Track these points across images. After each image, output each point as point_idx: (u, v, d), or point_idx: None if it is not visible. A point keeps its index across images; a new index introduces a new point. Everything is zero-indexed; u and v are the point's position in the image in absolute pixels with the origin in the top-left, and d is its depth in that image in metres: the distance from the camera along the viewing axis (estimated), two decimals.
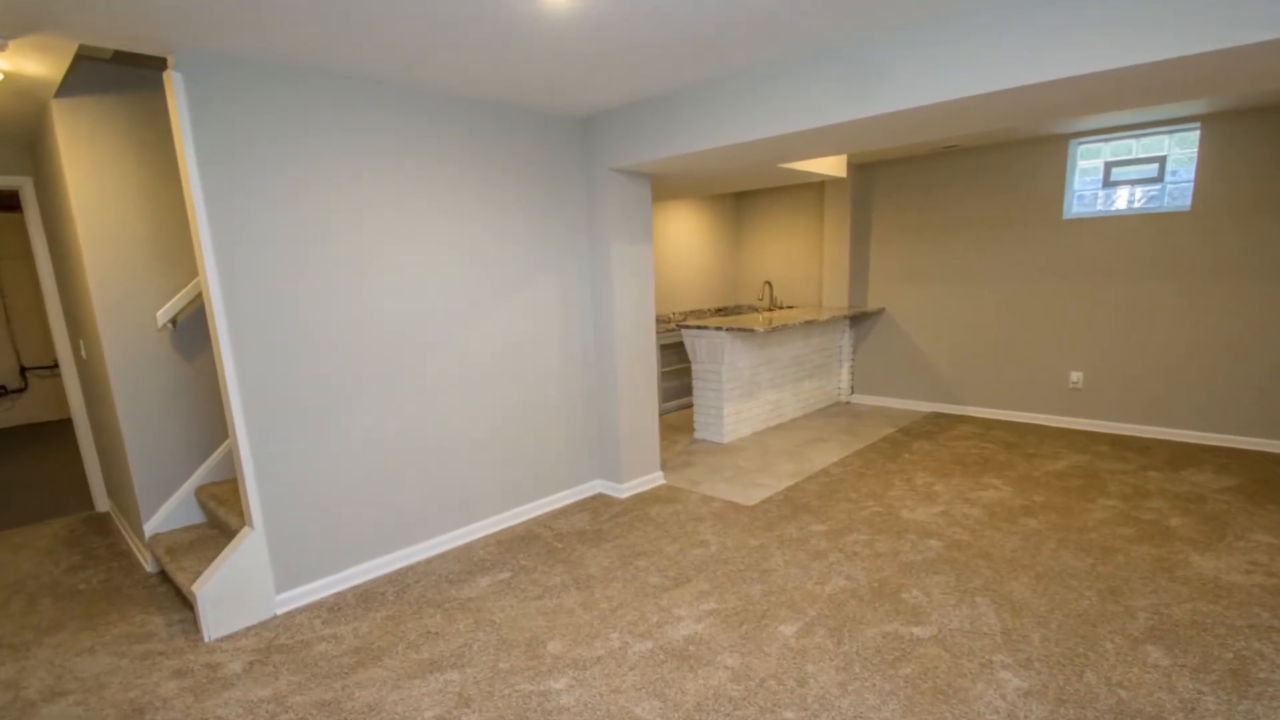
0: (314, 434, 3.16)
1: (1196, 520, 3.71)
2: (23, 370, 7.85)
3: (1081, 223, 5.52)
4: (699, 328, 5.60)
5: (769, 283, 6.77)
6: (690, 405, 7.19)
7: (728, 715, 2.30)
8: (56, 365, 7.74)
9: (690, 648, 2.69)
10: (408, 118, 3.35)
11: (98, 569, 3.69)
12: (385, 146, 3.28)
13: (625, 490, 4.47)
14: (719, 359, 5.55)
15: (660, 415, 6.81)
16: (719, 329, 5.44)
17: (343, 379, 3.23)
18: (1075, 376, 5.70)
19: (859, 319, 7.03)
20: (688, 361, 7.10)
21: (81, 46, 2.64)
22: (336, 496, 3.27)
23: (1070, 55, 2.32)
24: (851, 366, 7.12)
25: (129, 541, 3.99)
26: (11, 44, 2.54)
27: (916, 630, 2.75)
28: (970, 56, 2.53)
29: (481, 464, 3.87)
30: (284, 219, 2.98)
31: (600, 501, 4.38)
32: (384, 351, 3.37)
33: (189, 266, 3.57)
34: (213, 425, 3.77)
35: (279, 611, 3.12)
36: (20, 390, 7.86)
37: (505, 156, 3.78)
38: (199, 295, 3.54)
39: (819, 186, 7.25)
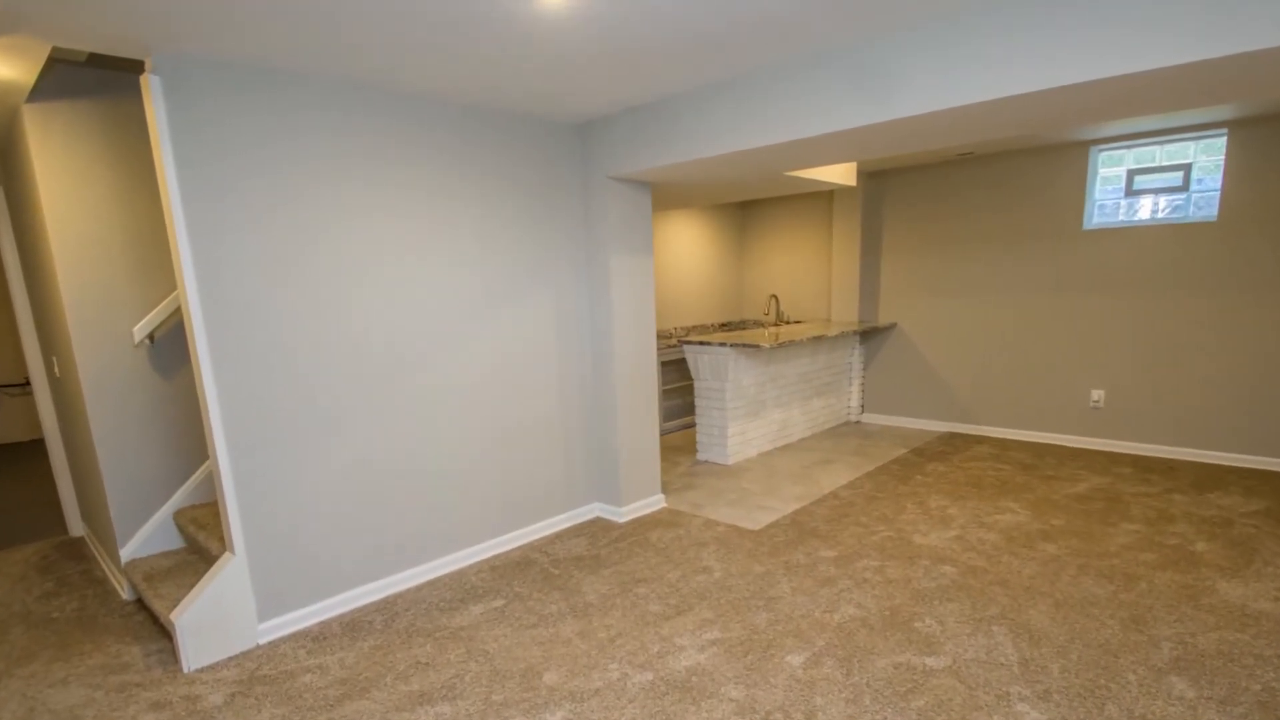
0: (298, 455, 3.20)
1: (1223, 545, 3.73)
2: None
3: (1103, 233, 5.58)
4: (702, 344, 5.65)
5: (775, 296, 6.82)
6: (693, 425, 7.23)
7: None
8: (28, 383, 7.79)
9: (693, 679, 2.71)
10: (397, 124, 3.41)
11: (71, 596, 3.71)
12: (373, 154, 3.34)
13: (625, 514, 4.49)
14: (723, 376, 5.59)
15: (661, 435, 6.84)
16: (723, 345, 5.49)
17: (329, 397, 3.27)
18: (1096, 395, 5.73)
19: (870, 334, 7.08)
20: (690, 379, 7.14)
21: (55, 49, 2.66)
22: (322, 521, 3.30)
23: (1092, 58, 2.34)
24: (862, 384, 7.16)
25: (104, 567, 4.02)
26: None
27: (930, 661, 2.77)
28: (988, 59, 2.57)
29: (474, 487, 3.91)
30: (267, 229, 3.03)
31: (598, 526, 4.41)
32: (372, 369, 3.42)
33: (167, 279, 3.61)
34: (192, 446, 3.80)
35: (262, 641, 3.14)
36: None
37: (498, 164, 3.84)
38: (178, 309, 3.58)
39: (828, 196, 7.33)
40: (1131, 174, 5.47)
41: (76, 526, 4.68)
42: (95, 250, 3.40)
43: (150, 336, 3.56)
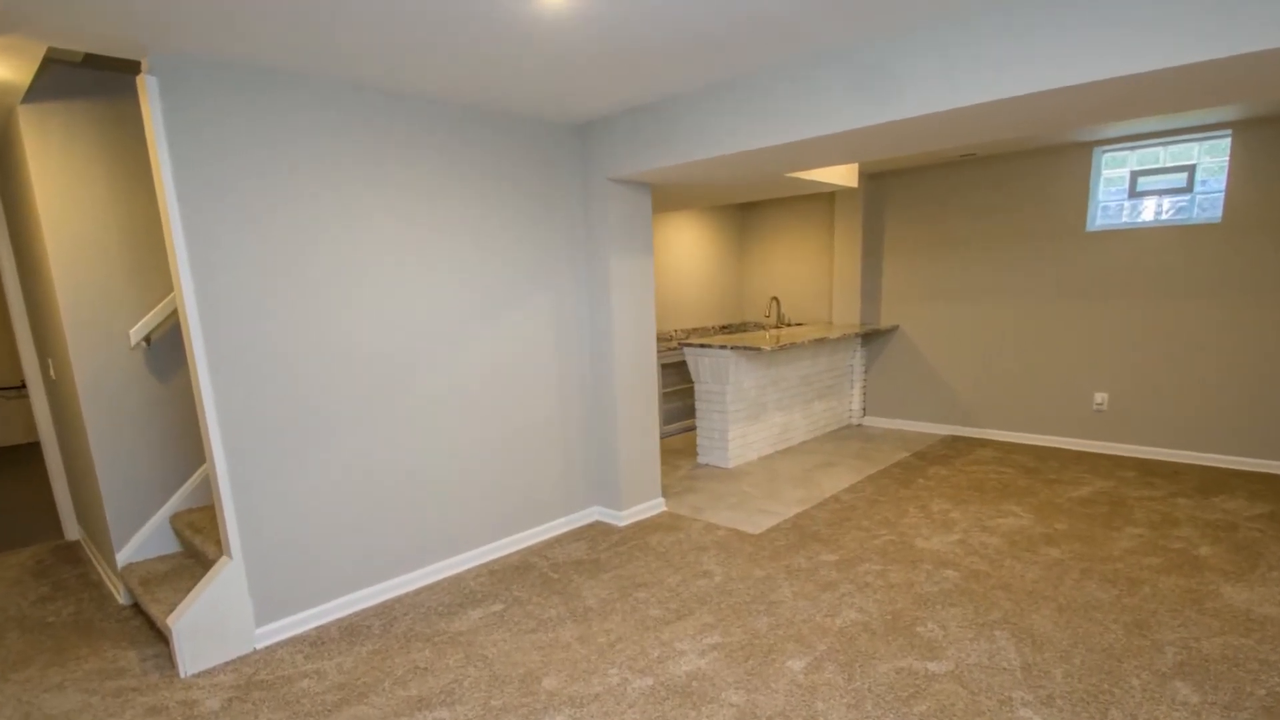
0: (296, 458, 3.20)
1: (1227, 549, 3.73)
2: None
3: (1106, 235, 5.58)
4: (702, 346, 5.65)
5: (776, 298, 6.82)
6: (693, 428, 7.23)
7: None
8: (24, 386, 7.79)
9: (693, 684, 2.71)
10: (396, 125, 3.41)
11: (68, 601, 3.71)
12: (372, 155, 3.35)
13: (624, 518, 4.49)
14: (723, 379, 5.59)
15: (661, 438, 6.84)
16: (723, 347, 5.49)
17: (326, 400, 3.28)
18: (1100, 398, 5.73)
19: (871, 337, 7.08)
20: (690, 382, 7.14)
21: (51, 49, 2.66)
22: (319, 525, 3.30)
23: (1093, 59, 2.34)
24: (863, 387, 7.16)
25: (100, 572, 4.02)
26: None
27: (932, 665, 2.77)
28: (989, 60, 2.57)
29: (473, 490, 3.91)
30: (265, 231, 3.04)
31: (598, 530, 4.41)
32: (370, 372, 3.42)
33: (164, 282, 3.62)
34: (189, 449, 3.80)
35: (259, 646, 3.14)
36: None
37: (498, 165, 3.85)
38: (174, 312, 3.58)
39: (829, 197, 7.33)
40: (1135, 175, 5.47)
41: (72, 530, 4.68)
42: (91, 252, 3.40)
43: (147, 339, 3.56)
